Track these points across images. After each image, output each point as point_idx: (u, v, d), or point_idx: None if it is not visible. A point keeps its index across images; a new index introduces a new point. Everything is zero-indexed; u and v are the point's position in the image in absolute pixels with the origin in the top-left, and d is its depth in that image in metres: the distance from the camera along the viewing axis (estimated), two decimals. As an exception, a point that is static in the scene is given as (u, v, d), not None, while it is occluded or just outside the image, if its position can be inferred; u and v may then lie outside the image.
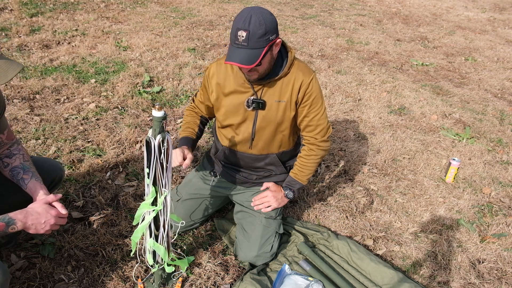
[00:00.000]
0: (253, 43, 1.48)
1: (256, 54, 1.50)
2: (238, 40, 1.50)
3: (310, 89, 1.71)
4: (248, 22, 1.47)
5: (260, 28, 1.47)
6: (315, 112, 1.77)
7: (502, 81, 4.64)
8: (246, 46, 1.49)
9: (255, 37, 1.48)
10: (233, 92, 1.75)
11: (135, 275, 1.75)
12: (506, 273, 2.03)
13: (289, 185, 1.92)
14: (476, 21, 7.41)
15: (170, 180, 1.44)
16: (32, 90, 3.17)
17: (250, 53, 1.50)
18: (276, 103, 1.73)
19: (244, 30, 1.47)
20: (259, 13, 1.49)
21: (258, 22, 1.47)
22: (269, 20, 1.50)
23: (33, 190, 1.42)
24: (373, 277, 1.86)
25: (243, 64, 1.50)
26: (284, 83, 1.70)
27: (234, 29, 1.50)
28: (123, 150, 2.60)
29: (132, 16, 5.37)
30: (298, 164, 1.91)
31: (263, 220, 1.88)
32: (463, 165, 2.89)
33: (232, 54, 1.53)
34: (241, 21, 1.49)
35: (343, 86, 4.00)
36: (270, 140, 1.85)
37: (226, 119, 1.84)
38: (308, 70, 1.73)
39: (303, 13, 6.67)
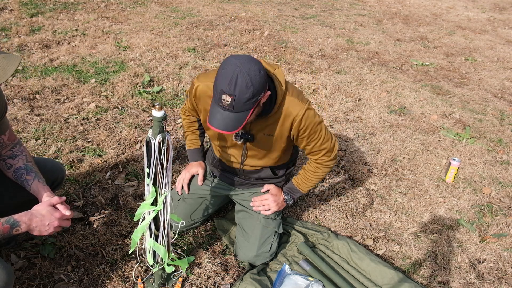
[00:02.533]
0: (239, 107, 1.36)
1: (242, 118, 1.38)
2: (222, 104, 1.36)
3: (303, 124, 1.60)
4: (233, 86, 1.32)
5: (247, 92, 1.33)
6: (316, 140, 1.69)
7: (502, 81, 4.64)
8: (231, 110, 1.37)
9: (241, 102, 1.34)
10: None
11: (135, 275, 1.75)
12: (506, 273, 2.03)
13: (291, 191, 1.91)
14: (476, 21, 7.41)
15: (170, 180, 1.44)
16: (32, 90, 3.17)
17: (235, 117, 1.38)
18: (265, 136, 1.67)
19: (229, 94, 1.33)
20: (246, 73, 1.32)
21: (244, 85, 1.32)
22: (257, 80, 1.34)
23: (36, 191, 1.42)
24: (373, 277, 1.86)
25: (227, 131, 1.39)
26: (274, 119, 1.61)
27: (218, 90, 1.35)
28: (123, 150, 2.60)
29: (132, 16, 5.37)
30: (302, 175, 1.87)
31: (262, 220, 1.88)
32: (463, 165, 2.89)
33: (215, 117, 1.40)
34: (225, 82, 1.32)
35: (343, 86, 4.00)
36: (262, 161, 1.82)
37: (214, 141, 1.83)
38: (299, 105, 1.58)
39: (303, 13, 6.67)
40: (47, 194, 1.40)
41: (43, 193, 1.41)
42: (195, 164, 2.02)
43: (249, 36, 5.11)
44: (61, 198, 1.38)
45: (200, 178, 1.99)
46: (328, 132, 1.71)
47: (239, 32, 5.24)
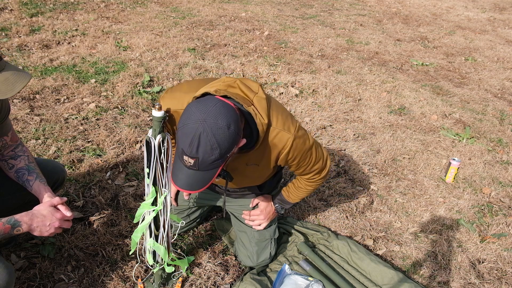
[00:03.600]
0: (204, 167, 1.17)
1: (209, 176, 1.20)
2: (184, 163, 1.17)
3: (291, 155, 1.43)
4: (195, 148, 1.11)
5: (212, 154, 1.12)
6: (305, 165, 1.52)
7: (502, 81, 4.64)
8: (196, 170, 1.18)
9: (206, 163, 1.15)
10: None
11: (135, 275, 1.75)
12: (506, 273, 2.03)
13: (281, 203, 1.79)
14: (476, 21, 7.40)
15: (170, 180, 1.44)
16: (32, 90, 3.17)
17: (201, 176, 1.20)
18: (249, 166, 1.49)
19: (191, 157, 1.13)
20: (211, 133, 1.09)
21: (209, 147, 1.11)
22: (224, 139, 1.12)
23: (38, 192, 1.43)
24: (373, 277, 1.86)
25: (192, 191, 1.23)
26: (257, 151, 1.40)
27: (179, 149, 1.15)
28: (123, 150, 2.60)
29: (132, 16, 5.37)
30: (292, 189, 1.73)
31: (255, 235, 1.82)
32: (463, 165, 2.89)
33: (178, 175, 1.22)
34: (186, 142, 1.11)
35: (343, 86, 4.00)
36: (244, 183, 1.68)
37: None
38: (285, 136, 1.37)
39: (303, 13, 6.67)
40: (48, 194, 1.40)
41: (44, 194, 1.41)
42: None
43: (249, 36, 5.11)
44: (62, 198, 1.38)
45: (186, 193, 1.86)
46: (320, 151, 1.54)
47: (239, 32, 5.24)
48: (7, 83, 1.16)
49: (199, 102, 1.15)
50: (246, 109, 1.27)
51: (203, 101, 1.16)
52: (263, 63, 4.30)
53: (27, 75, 1.22)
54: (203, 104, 1.14)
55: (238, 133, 1.17)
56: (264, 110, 1.32)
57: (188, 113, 1.14)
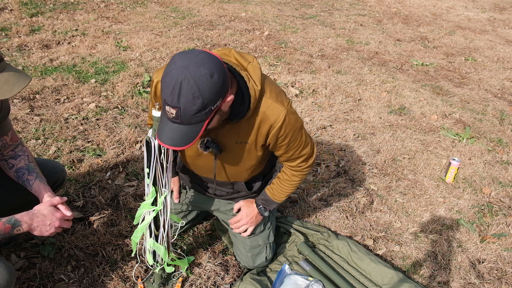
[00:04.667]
0: (188, 120, 1.12)
1: (194, 131, 1.15)
2: (167, 116, 1.13)
3: (283, 132, 1.38)
4: (177, 96, 1.06)
5: (194, 104, 1.07)
6: (295, 148, 1.49)
7: (502, 81, 4.64)
8: (179, 123, 1.13)
9: (188, 114, 1.10)
10: None
11: (135, 275, 1.75)
12: (506, 273, 2.03)
13: (265, 203, 1.70)
14: (476, 21, 7.41)
15: (170, 180, 1.44)
16: (32, 90, 3.17)
17: (185, 130, 1.14)
18: (237, 144, 1.44)
19: (172, 106, 1.08)
20: (192, 80, 1.05)
21: (191, 96, 1.06)
22: (207, 88, 1.07)
23: (38, 191, 1.43)
24: (373, 277, 1.86)
25: (176, 147, 1.17)
26: (247, 123, 1.36)
27: (162, 100, 1.12)
28: (123, 150, 2.60)
29: (132, 16, 5.37)
30: (276, 185, 1.66)
31: (247, 242, 1.79)
32: (463, 165, 2.89)
33: (163, 130, 1.17)
34: (167, 91, 1.07)
35: (343, 86, 4.00)
36: (235, 173, 1.62)
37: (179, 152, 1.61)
38: (278, 108, 1.34)
39: (303, 13, 6.67)
40: (48, 194, 1.41)
41: (44, 194, 1.41)
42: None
43: (249, 36, 5.11)
44: (62, 198, 1.38)
45: (176, 196, 1.84)
46: (308, 136, 1.52)
47: (239, 32, 5.24)
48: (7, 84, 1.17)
49: (183, 53, 1.11)
50: (239, 71, 1.24)
51: (187, 52, 1.11)
52: (263, 63, 4.31)
53: (27, 77, 1.23)
54: (187, 54, 1.10)
55: (223, 85, 1.11)
56: (258, 77, 1.29)
57: (171, 61, 1.10)
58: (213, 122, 1.22)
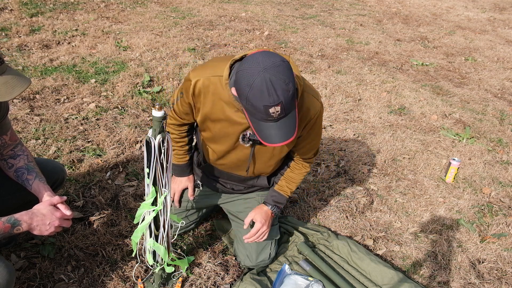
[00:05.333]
0: (289, 108, 1.22)
1: (294, 116, 1.26)
2: (273, 117, 1.21)
3: (316, 123, 1.54)
4: (274, 93, 1.16)
5: (289, 89, 1.18)
6: (316, 139, 1.64)
7: (502, 81, 4.64)
8: (284, 116, 1.23)
9: (288, 102, 1.20)
10: (223, 119, 1.49)
11: (135, 275, 1.75)
12: (506, 273, 2.03)
13: (277, 202, 1.76)
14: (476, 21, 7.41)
15: (170, 180, 1.44)
16: (32, 90, 3.17)
17: (289, 121, 1.24)
18: None
19: (276, 105, 1.18)
20: (276, 73, 1.17)
21: (285, 85, 1.17)
22: (288, 72, 1.20)
23: (37, 191, 1.43)
24: (373, 277, 1.86)
25: (290, 138, 1.25)
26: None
27: (261, 108, 1.19)
28: (123, 150, 2.60)
29: (132, 16, 5.37)
30: (287, 179, 1.76)
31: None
32: (463, 165, 2.89)
33: (270, 133, 1.24)
34: (265, 96, 1.17)
35: (343, 86, 4.00)
36: (264, 167, 1.71)
37: (212, 143, 1.64)
38: (316, 103, 1.48)
39: (303, 13, 6.67)
40: (48, 194, 1.41)
41: (43, 193, 1.41)
42: (184, 179, 1.87)
43: (249, 36, 5.11)
44: (62, 197, 1.38)
45: (190, 193, 1.88)
46: None
47: (239, 32, 5.24)
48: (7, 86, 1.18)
49: (243, 64, 1.21)
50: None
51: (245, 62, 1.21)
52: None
53: (27, 79, 1.23)
54: (249, 62, 1.19)
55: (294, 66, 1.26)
56: (298, 73, 1.39)
57: (246, 74, 1.18)
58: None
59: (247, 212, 1.81)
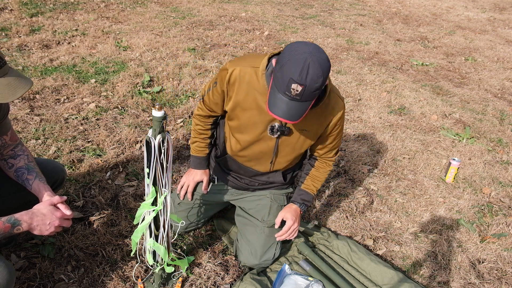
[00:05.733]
0: (307, 96, 1.29)
1: (305, 107, 1.33)
2: (290, 93, 1.28)
3: (340, 122, 1.63)
4: (305, 75, 1.25)
5: (317, 82, 1.27)
6: (339, 138, 1.73)
7: (502, 81, 4.64)
8: (298, 100, 1.30)
9: (310, 91, 1.28)
10: (254, 108, 1.55)
11: (135, 275, 1.75)
12: (506, 273, 2.03)
13: (305, 201, 1.84)
14: (476, 21, 7.41)
15: (170, 180, 1.44)
16: (32, 90, 3.17)
17: (300, 107, 1.31)
18: (299, 131, 1.60)
19: (300, 84, 1.26)
20: (317, 62, 1.26)
21: (316, 75, 1.26)
22: (326, 70, 1.29)
23: (37, 190, 1.43)
24: (373, 277, 1.86)
25: (291, 120, 1.33)
26: (314, 113, 1.53)
27: (286, 79, 1.27)
28: (123, 150, 2.60)
29: (132, 16, 5.37)
30: (312, 178, 1.84)
31: (266, 230, 1.83)
32: (463, 165, 2.89)
33: (278, 105, 1.32)
34: (297, 72, 1.25)
35: (343, 86, 4.00)
36: (282, 162, 1.76)
37: (238, 133, 1.68)
38: (340, 102, 1.59)
39: (303, 13, 6.67)
40: (48, 193, 1.41)
41: (44, 193, 1.41)
42: (199, 172, 1.91)
43: (249, 36, 5.11)
44: (62, 197, 1.38)
45: (205, 187, 1.92)
46: None
47: (239, 32, 5.24)
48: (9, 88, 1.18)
49: (300, 42, 1.32)
50: None
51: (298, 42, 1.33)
52: (263, 63, 4.30)
53: (29, 81, 1.24)
54: (301, 43, 1.32)
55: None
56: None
57: (293, 48, 1.30)
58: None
59: (259, 209, 1.87)
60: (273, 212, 1.87)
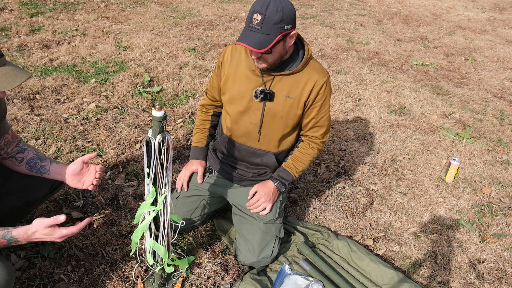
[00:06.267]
0: (267, 28, 1.45)
1: (268, 40, 1.47)
2: (252, 23, 1.47)
3: (322, 90, 1.69)
4: (266, 7, 1.44)
5: (276, 15, 1.44)
6: (323, 113, 1.77)
7: (502, 81, 4.64)
8: (259, 30, 1.46)
9: (269, 23, 1.44)
10: (243, 77, 1.72)
11: (135, 275, 1.75)
12: (506, 273, 2.03)
13: (281, 178, 1.87)
14: (476, 21, 7.41)
15: (170, 180, 1.44)
16: (32, 90, 3.17)
17: (262, 37, 1.47)
18: (283, 98, 1.69)
19: (260, 13, 1.45)
20: (279, 1, 1.46)
21: (275, 9, 1.44)
22: (287, 9, 1.47)
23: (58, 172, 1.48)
24: (373, 277, 1.86)
25: (253, 47, 1.47)
26: (296, 80, 1.67)
27: (251, 12, 1.48)
28: (123, 150, 2.60)
29: (132, 16, 5.37)
30: (294, 157, 1.87)
31: (261, 226, 1.85)
32: (463, 165, 2.89)
33: (244, 36, 1.50)
34: (259, 4, 1.46)
35: (343, 86, 4.00)
36: (271, 136, 1.81)
37: (229, 105, 1.80)
38: (323, 71, 1.70)
39: (303, 13, 6.67)
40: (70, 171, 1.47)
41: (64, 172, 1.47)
42: (196, 162, 1.99)
43: (249, 36, 5.11)
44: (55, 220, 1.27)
45: (200, 176, 1.97)
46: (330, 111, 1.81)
47: (239, 32, 5.24)
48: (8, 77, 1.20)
49: None
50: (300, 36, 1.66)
51: None
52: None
53: (27, 72, 1.26)
54: None
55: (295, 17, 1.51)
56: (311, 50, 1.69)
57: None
58: (275, 51, 1.53)
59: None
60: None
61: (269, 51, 1.50)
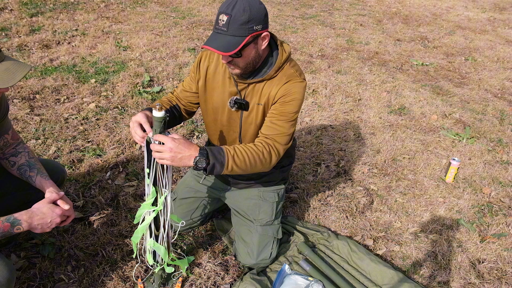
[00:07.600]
0: (234, 29, 1.36)
1: (235, 42, 1.37)
2: (218, 25, 1.38)
3: (288, 89, 1.53)
4: (232, 7, 1.36)
5: (243, 14, 1.35)
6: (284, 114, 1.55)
7: (502, 81, 4.64)
8: (226, 32, 1.37)
9: (236, 24, 1.35)
10: (220, 85, 1.64)
11: (135, 275, 1.75)
12: (506, 273, 2.03)
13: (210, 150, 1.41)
14: (476, 21, 7.40)
15: (170, 180, 1.44)
16: (32, 90, 3.17)
17: (228, 40, 1.37)
18: (256, 105, 1.60)
19: (225, 14, 1.36)
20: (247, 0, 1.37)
21: (242, 8, 1.35)
22: (255, 8, 1.37)
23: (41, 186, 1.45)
24: (373, 277, 1.86)
25: (219, 51, 1.36)
26: (267, 85, 1.56)
27: (218, 13, 1.41)
28: (123, 150, 2.60)
29: (132, 16, 5.37)
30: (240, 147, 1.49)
31: (258, 229, 1.83)
32: (463, 165, 2.89)
33: (210, 39, 1.41)
34: (225, 5, 1.38)
35: (343, 86, 4.00)
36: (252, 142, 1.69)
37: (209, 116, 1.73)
38: (295, 76, 1.54)
39: (303, 13, 6.67)
40: (50, 189, 1.42)
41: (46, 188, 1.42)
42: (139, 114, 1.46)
43: (249, 36, 5.11)
44: (59, 194, 1.39)
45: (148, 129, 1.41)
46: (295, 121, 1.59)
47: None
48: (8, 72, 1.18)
49: None
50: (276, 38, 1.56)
51: None
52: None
53: (26, 65, 1.24)
54: None
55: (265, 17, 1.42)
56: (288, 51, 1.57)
57: None
58: (246, 54, 1.43)
59: (249, 209, 1.88)
60: (264, 210, 1.86)
61: (239, 54, 1.41)
